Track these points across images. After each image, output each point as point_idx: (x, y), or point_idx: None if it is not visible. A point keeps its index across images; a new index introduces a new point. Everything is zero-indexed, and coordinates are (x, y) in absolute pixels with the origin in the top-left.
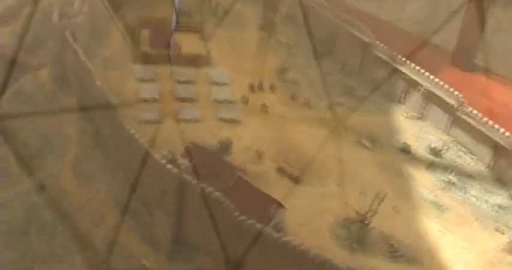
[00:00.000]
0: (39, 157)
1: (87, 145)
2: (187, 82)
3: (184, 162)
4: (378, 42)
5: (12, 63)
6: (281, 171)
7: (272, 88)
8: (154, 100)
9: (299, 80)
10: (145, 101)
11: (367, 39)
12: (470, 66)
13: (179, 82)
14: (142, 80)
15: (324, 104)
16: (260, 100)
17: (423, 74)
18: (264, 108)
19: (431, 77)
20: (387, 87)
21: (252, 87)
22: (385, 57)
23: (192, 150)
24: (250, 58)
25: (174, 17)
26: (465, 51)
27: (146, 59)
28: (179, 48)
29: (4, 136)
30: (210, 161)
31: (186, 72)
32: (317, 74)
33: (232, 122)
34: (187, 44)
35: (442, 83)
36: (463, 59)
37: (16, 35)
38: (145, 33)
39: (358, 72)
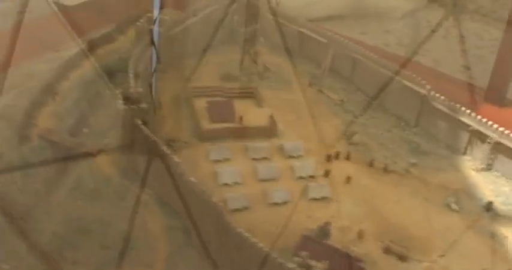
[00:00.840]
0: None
1: (177, 243)
2: (264, 159)
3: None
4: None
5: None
6: (386, 250)
7: (347, 156)
8: (236, 184)
9: (366, 141)
10: (226, 185)
11: (423, 91)
12: (503, 101)
13: (255, 159)
14: (217, 161)
15: (399, 166)
16: (340, 171)
17: (488, 124)
18: (348, 180)
19: (498, 127)
20: (449, 139)
21: (328, 157)
22: (444, 109)
23: (306, 245)
24: (312, 122)
25: (154, 57)
26: (499, 86)
27: (211, 135)
28: (240, 118)
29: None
30: (327, 255)
31: (259, 147)
32: (380, 132)
33: (323, 200)
34: (246, 112)
35: (509, 133)
36: (497, 95)
37: (58, 116)
38: (201, 104)
39: (415, 125)
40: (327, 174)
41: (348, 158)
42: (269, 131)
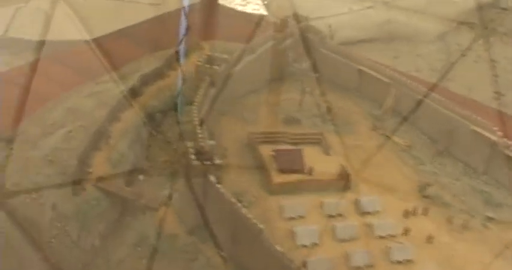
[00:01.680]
0: None
1: None
2: (339, 215)
3: None
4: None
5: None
6: None
7: (425, 211)
8: (315, 245)
9: (440, 193)
10: (305, 247)
11: (494, 138)
12: None
13: (331, 216)
14: (291, 219)
15: (477, 222)
16: (419, 228)
17: None
18: (429, 239)
19: None
20: None
21: (406, 213)
22: None
23: None
24: (384, 172)
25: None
26: None
27: (282, 189)
28: (310, 169)
29: None
30: None
31: (334, 203)
32: (450, 181)
33: (406, 262)
34: (315, 161)
35: None
36: None
37: (112, 162)
38: (267, 153)
39: (484, 173)
40: (406, 232)
41: (425, 213)
42: (343, 184)
